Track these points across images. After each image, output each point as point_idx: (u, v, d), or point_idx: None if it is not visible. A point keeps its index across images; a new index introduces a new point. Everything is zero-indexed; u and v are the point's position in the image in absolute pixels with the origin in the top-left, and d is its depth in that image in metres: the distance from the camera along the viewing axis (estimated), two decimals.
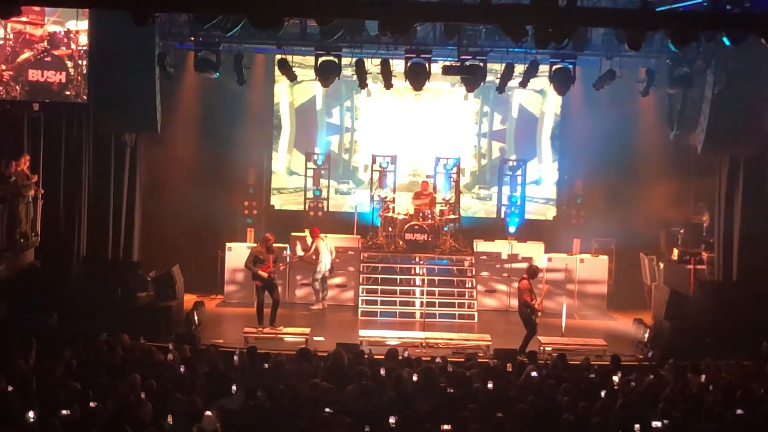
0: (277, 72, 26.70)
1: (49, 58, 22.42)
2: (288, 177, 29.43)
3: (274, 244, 23.65)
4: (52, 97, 22.24)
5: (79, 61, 21.97)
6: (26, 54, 22.52)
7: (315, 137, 29.32)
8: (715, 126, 23.01)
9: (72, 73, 22.05)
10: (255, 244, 24.90)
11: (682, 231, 26.67)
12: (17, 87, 22.23)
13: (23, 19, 21.99)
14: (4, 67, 22.32)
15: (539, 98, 29.03)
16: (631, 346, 22.37)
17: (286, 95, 29.20)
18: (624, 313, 25.62)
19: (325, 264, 25.11)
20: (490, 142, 29.39)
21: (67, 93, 21.99)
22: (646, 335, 22.33)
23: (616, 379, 16.85)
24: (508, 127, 29.34)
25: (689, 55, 23.04)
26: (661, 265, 25.67)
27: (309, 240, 25.52)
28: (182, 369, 16.34)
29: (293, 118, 29.33)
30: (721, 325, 21.90)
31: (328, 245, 25.25)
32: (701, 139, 23.42)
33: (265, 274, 22.81)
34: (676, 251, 25.76)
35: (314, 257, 25.03)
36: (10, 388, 14.23)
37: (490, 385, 15.74)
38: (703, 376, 17.15)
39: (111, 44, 21.50)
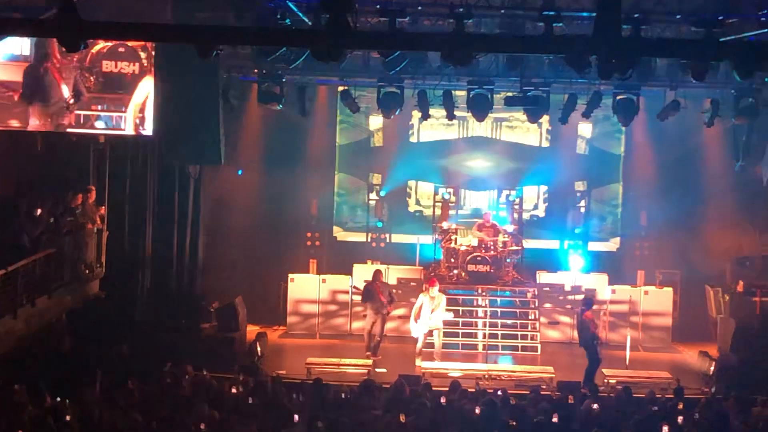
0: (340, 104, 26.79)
1: (122, 49, 22.23)
2: (350, 209, 29.54)
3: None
4: (125, 88, 22.20)
5: (153, 52, 21.97)
6: (100, 45, 22.44)
7: (370, 169, 29.45)
8: None
9: (146, 64, 22.07)
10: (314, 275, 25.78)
11: (748, 263, 26.35)
12: (91, 78, 22.19)
13: None
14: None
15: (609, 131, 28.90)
16: (696, 379, 22.09)
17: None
18: (689, 345, 25.31)
19: (422, 323, 23.03)
20: (555, 174, 29.24)
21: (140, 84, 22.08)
22: (712, 368, 22.07)
23: (680, 413, 16.63)
24: (577, 158, 29.22)
25: (755, 85, 22.85)
26: (727, 298, 25.35)
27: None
28: (244, 400, 16.37)
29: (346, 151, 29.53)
30: None
31: (437, 301, 23.08)
32: (767, 171, 23.18)
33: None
34: (741, 283, 25.42)
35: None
36: (68, 418, 14.33)
37: (554, 419, 15.61)
38: None
39: (176, 77, 21.68)
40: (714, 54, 16.44)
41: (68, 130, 21.83)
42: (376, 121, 28.97)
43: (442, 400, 16.61)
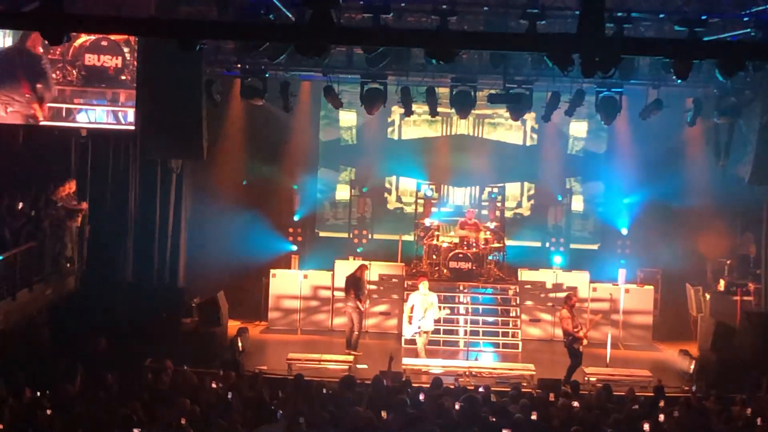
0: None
1: (105, 43, 22.12)
2: (332, 205, 29.55)
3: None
4: (108, 82, 22.22)
5: (136, 46, 21.96)
6: (83, 38, 22.41)
7: (353, 166, 29.48)
8: (762, 157, 22.88)
9: (128, 58, 22.05)
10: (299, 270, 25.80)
11: (728, 262, 26.43)
12: (74, 71, 22.19)
13: None
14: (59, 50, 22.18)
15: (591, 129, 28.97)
16: (676, 377, 22.16)
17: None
18: (669, 344, 25.39)
19: (415, 323, 22.85)
20: (540, 172, 29.26)
21: (123, 78, 22.05)
22: (692, 367, 22.14)
23: (661, 412, 16.66)
24: (561, 156, 29.26)
25: (737, 85, 22.93)
26: (708, 296, 25.45)
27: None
28: (225, 395, 16.34)
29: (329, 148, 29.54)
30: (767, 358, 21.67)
31: (429, 299, 22.94)
32: (748, 170, 23.26)
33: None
34: (722, 282, 25.55)
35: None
36: (49, 412, 14.30)
37: (533, 417, 15.63)
38: (749, 409, 16.95)
39: (159, 71, 21.63)
40: (697, 53, 16.48)
41: (45, 123, 21.84)
42: (350, 118, 29.00)
43: (421, 396, 16.62)
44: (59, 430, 13.84)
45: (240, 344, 22.75)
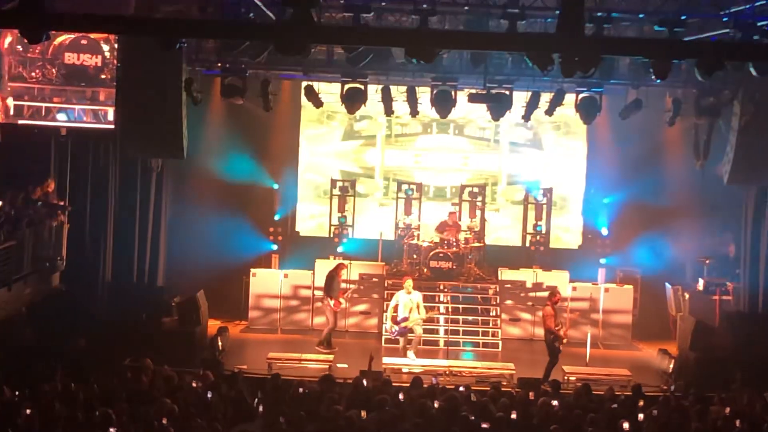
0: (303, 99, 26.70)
1: (85, 41, 22.12)
2: (313, 204, 29.48)
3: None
4: (88, 81, 22.18)
5: (115, 45, 21.91)
6: (62, 37, 22.33)
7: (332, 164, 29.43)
8: (741, 156, 22.93)
9: (108, 57, 22.03)
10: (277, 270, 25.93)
11: (707, 261, 26.49)
12: (53, 70, 22.16)
13: None
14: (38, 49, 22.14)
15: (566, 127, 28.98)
16: (655, 376, 22.23)
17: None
18: (649, 343, 25.45)
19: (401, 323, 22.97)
20: (522, 171, 29.25)
21: (103, 77, 22.02)
22: (671, 366, 22.20)
23: (640, 411, 16.71)
24: (539, 156, 29.26)
25: (716, 85, 22.95)
26: (687, 296, 25.50)
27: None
28: (204, 394, 16.31)
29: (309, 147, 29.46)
30: (746, 357, 21.72)
31: (413, 299, 23.08)
32: (728, 170, 23.33)
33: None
34: (701, 282, 25.61)
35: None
36: (28, 411, 14.25)
37: (513, 415, 15.66)
38: (728, 408, 17.01)
39: (138, 70, 21.58)
40: (676, 53, 16.53)
41: (23, 122, 21.81)
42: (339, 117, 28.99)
43: (401, 396, 16.63)
44: (39, 429, 13.80)
45: (220, 343, 22.72)
